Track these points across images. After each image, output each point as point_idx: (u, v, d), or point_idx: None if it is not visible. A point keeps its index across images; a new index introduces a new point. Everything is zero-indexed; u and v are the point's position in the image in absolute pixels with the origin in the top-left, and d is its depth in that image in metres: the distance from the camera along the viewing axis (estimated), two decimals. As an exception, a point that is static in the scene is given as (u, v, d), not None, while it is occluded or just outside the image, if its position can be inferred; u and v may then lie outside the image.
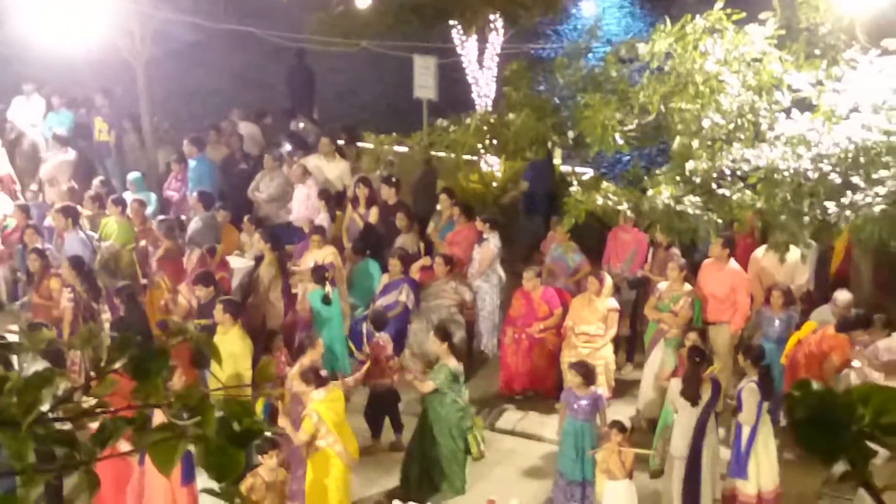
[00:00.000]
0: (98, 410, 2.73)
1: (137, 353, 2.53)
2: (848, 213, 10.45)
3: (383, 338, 12.54)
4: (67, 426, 2.53)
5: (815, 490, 11.49)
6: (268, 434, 9.14)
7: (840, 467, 7.18)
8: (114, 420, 2.56)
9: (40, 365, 2.55)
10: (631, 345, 14.14)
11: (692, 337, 11.34)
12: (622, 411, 12.39)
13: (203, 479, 2.55)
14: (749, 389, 10.56)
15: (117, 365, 2.57)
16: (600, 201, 11.29)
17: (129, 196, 16.16)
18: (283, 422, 10.93)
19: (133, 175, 17.16)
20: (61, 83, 20.34)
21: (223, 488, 2.57)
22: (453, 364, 11.67)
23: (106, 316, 13.28)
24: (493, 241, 14.32)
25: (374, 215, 15.55)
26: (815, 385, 1.72)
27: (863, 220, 10.34)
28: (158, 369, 2.54)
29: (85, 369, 11.10)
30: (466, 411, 11.81)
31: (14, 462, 2.40)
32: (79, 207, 15.47)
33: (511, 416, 13.08)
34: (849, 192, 10.59)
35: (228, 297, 12.62)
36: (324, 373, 11.11)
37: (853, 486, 11.20)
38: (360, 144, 17.65)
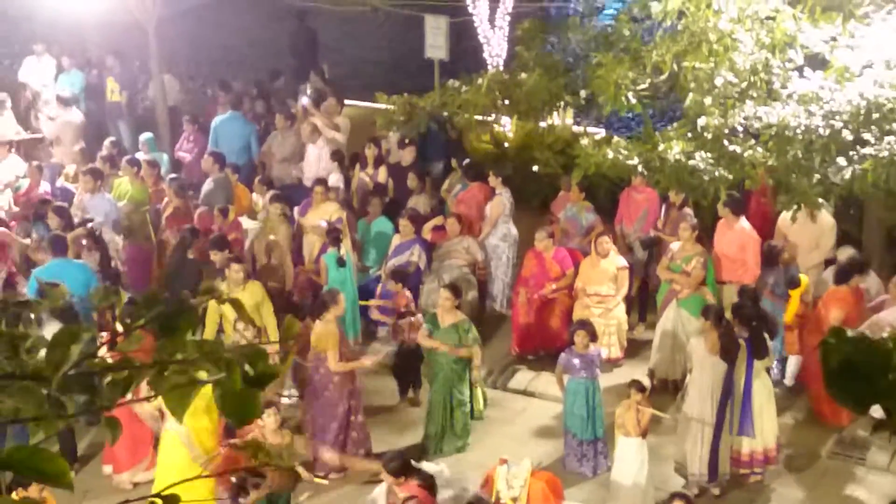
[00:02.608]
0: (123, 366, 2.75)
1: (166, 310, 2.54)
2: (857, 166, 10.44)
3: (406, 294, 12.54)
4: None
5: (825, 450, 11.52)
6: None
7: (853, 428, 7.13)
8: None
9: (55, 326, 2.55)
10: (643, 305, 14.09)
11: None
12: (634, 372, 12.40)
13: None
14: None
15: (144, 321, 2.58)
16: (611, 155, 11.26)
17: (140, 157, 16.18)
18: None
19: (145, 136, 17.17)
20: (71, 44, 20.31)
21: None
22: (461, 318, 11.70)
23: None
24: (504, 196, 14.34)
25: (382, 175, 15.54)
26: (850, 332, 1.70)
27: (873, 164, 10.32)
28: (186, 326, 2.55)
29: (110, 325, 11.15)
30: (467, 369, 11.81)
31: (30, 410, 2.40)
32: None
33: (523, 377, 13.09)
34: (859, 148, 10.58)
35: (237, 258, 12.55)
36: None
37: (865, 447, 11.26)
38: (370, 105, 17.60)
